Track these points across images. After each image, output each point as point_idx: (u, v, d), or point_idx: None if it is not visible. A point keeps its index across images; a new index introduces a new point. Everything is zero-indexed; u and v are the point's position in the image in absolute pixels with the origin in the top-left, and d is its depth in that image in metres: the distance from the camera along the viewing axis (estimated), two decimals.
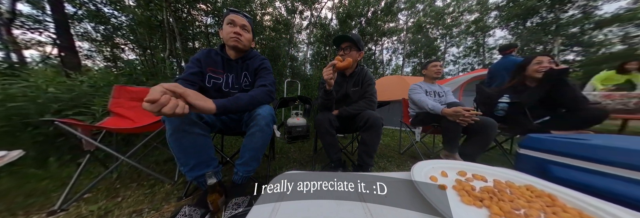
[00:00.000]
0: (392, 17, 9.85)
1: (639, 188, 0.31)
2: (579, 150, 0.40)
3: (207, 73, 0.67)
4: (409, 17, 11.66)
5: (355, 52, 0.84)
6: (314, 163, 1.07)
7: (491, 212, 0.21)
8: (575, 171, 0.40)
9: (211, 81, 0.68)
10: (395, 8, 9.52)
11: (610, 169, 0.35)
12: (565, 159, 0.42)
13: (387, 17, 9.56)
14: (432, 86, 1.21)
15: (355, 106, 0.85)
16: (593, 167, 0.38)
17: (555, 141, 0.45)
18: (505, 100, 1.01)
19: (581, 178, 0.38)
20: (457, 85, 2.84)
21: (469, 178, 0.29)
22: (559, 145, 0.43)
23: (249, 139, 0.56)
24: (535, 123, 0.95)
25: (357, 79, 0.90)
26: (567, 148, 0.42)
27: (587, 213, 0.20)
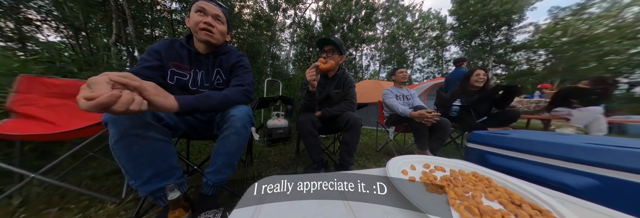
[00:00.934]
0: (371, 26, 10.76)
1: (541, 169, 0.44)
2: (503, 142, 0.53)
3: (170, 68, 0.57)
4: (385, 28, 13.00)
5: (337, 55, 0.87)
6: (295, 165, 1.04)
7: (449, 197, 0.25)
8: (502, 159, 0.52)
9: (174, 78, 0.58)
10: (373, 18, 10.42)
11: (522, 155, 0.48)
12: (496, 149, 0.54)
13: (367, 26, 10.39)
14: (401, 90, 1.40)
15: (337, 108, 0.89)
16: (512, 154, 0.50)
17: (489, 135, 0.57)
18: (457, 104, 1.30)
19: (506, 164, 0.50)
20: (422, 90, 3.35)
21: (431, 169, 0.34)
22: (491, 138, 0.56)
23: (221, 143, 0.50)
24: (477, 122, 1.27)
25: (339, 82, 0.94)
26: (496, 141, 0.54)
27: (510, 190, 0.26)
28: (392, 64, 14.19)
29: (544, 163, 0.43)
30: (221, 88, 0.62)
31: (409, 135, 2.04)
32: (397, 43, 13.64)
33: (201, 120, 0.66)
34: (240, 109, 0.51)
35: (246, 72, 0.64)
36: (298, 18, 9.07)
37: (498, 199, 0.24)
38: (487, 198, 0.25)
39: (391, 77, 1.46)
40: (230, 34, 0.68)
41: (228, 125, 0.49)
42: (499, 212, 0.21)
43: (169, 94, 0.37)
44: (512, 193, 0.25)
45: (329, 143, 1.34)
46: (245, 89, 0.56)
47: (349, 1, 9.30)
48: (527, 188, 0.25)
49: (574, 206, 0.24)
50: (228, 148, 0.49)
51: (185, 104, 0.39)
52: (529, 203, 0.23)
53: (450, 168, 0.33)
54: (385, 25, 12.92)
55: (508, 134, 0.55)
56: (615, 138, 0.51)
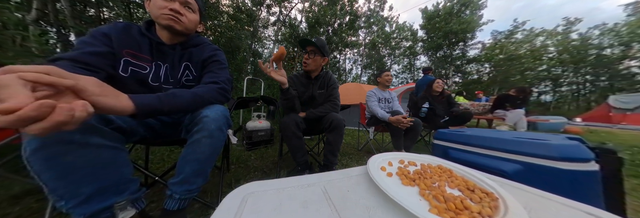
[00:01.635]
0: (354, 32, 11.39)
1: (487, 159, 0.53)
2: (460, 138, 0.63)
3: (123, 57, 0.46)
4: (367, 35, 13.95)
5: (319, 57, 0.87)
6: (278, 169, 1.00)
7: (420, 188, 0.28)
8: (460, 152, 0.62)
9: (129, 69, 0.47)
10: (356, 25, 11.05)
11: (474, 149, 0.57)
12: (455, 145, 0.64)
13: (350, 31, 10.95)
14: (384, 93, 1.50)
15: (322, 109, 0.89)
16: (467, 148, 0.60)
17: (450, 133, 0.67)
18: (426, 106, 1.57)
19: (463, 156, 0.59)
20: (398, 93, 3.75)
21: (405, 164, 0.37)
22: (451, 136, 0.66)
23: (191, 148, 0.43)
24: (441, 122, 1.53)
25: (322, 82, 0.95)
26: (455, 137, 0.64)
27: (466, 178, 0.31)
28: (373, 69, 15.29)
29: (488, 155, 0.54)
30: (190, 86, 0.54)
31: (387, 134, 2.29)
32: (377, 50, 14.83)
33: (165, 123, 0.57)
34: (215, 109, 0.44)
35: (222, 68, 0.56)
36: (283, 16, 8.85)
37: (458, 187, 0.28)
38: (449, 187, 0.29)
39: (377, 79, 1.54)
40: (203, 24, 0.60)
41: (199, 127, 0.42)
42: (458, 197, 0.24)
43: (120, 92, 0.29)
44: (467, 181, 0.30)
45: (313, 144, 1.34)
46: (221, 87, 0.49)
47: (334, 6, 9.63)
48: (478, 176, 0.31)
49: (508, 187, 0.30)
50: (199, 153, 0.42)
51: (143, 105, 0.32)
52: (480, 188, 0.27)
53: (420, 162, 0.38)
54: (367, 33, 13.90)
55: (464, 131, 0.66)
56: (531, 132, 0.67)
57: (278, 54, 0.63)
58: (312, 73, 0.93)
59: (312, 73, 0.93)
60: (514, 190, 0.29)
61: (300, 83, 0.95)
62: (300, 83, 0.95)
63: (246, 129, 1.62)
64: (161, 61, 0.52)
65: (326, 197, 0.27)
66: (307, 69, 0.90)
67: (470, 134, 0.61)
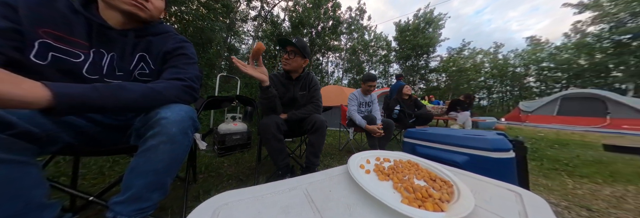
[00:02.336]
0: (336, 36, 11.87)
1: (444, 153, 0.63)
2: (424, 136, 0.73)
3: (39, 38, 0.34)
4: (348, 41, 14.77)
5: (299, 58, 0.85)
6: (256, 175, 0.93)
7: (393, 182, 0.30)
8: (424, 148, 0.71)
9: (49, 56, 0.36)
10: (339, 30, 11.54)
11: (435, 145, 0.67)
12: (420, 142, 0.74)
13: (333, 36, 11.36)
14: (365, 97, 1.61)
15: (304, 110, 0.88)
16: (429, 145, 0.70)
17: (416, 132, 0.77)
18: (397, 108, 1.82)
19: (427, 151, 0.69)
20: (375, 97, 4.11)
21: (381, 161, 0.41)
22: (417, 134, 0.76)
23: (145, 157, 0.35)
24: (410, 122, 1.77)
25: (304, 83, 0.94)
26: (420, 135, 0.74)
27: (430, 171, 0.35)
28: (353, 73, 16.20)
29: (446, 149, 0.65)
30: (146, 81, 0.44)
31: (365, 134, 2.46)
32: (357, 56, 15.86)
33: (105, 125, 0.45)
34: (177, 109, 0.37)
35: (189, 63, 0.48)
36: (265, 12, 8.41)
37: (423, 178, 0.33)
38: (417, 179, 0.33)
39: (361, 84, 1.60)
40: (167, 10, 0.51)
41: (156, 131, 0.35)
42: (423, 187, 0.28)
43: (24, 79, 0.22)
44: (430, 173, 0.34)
45: (295, 147, 1.30)
46: (187, 84, 0.42)
47: (318, 9, 9.81)
48: (438, 168, 0.36)
49: (460, 175, 0.36)
50: (156, 162, 0.35)
51: (67, 97, 0.25)
52: (440, 178, 0.32)
53: (393, 159, 0.42)
54: (348, 39, 14.72)
55: (426, 130, 0.77)
56: (474, 130, 0.84)
57: (255, 49, 0.59)
58: (292, 74, 0.91)
59: (293, 74, 0.91)
60: (464, 177, 0.35)
61: (281, 83, 0.92)
62: (280, 83, 0.92)
63: (218, 133, 1.45)
64: (105, 48, 0.41)
65: (308, 199, 0.27)
66: (287, 68, 0.88)
67: (432, 132, 0.72)
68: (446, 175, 0.33)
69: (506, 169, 0.57)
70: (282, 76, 0.92)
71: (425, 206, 0.23)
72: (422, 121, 1.81)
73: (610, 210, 0.74)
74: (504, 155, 0.56)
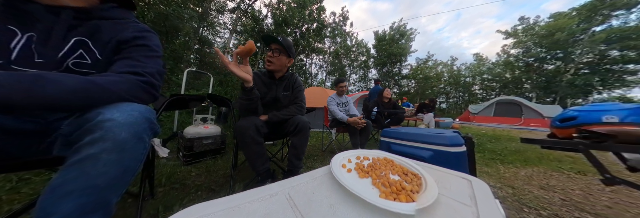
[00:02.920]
0: (320, 39, 12.11)
1: (414, 149, 0.72)
2: (397, 135, 0.81)
3: None
4: (331, 45, 15.27)
5: (284, 57, 0.83)
6: (232, 184, 0.84)
7: (372, 179, 0.32)
8: (398, 146, 0.79)
9: None
10: (323, 33, 11.80)
11: (406, 142, 0.76)
12: (395, 140, 0.81)
13: (317, 38, 11.54)
14: (341, 98, 1.74)
15: (287, 112, 0.85)
16: (402, 142, 0.78)
17: (391, 131, 0.85)
18: (375, 110, 1.99)
19: (400, 149, 0.76)
20: (355, 99, 4.34)
21: (361, 160, 0.43)
22: (392, 133, 0.83)
23: (77, 171, 0.26)
24: (386, 123, 1.94)
25: (287, 84, 0.91)
26: (394, 134, 0.82)
27: (402, 166, 0.39)
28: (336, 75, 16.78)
29: (415, 146, 0.74)
30: (85, 73, 0.35)
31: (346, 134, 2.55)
32: (340, 59, 16.55)
33: (11, 130, 0.33)
34: (128, 109, 0.30)
35: (151, 56, 0.40)
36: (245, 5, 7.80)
37: (397, 173, 0.36)
38: (392, 174, 0.35)
39: (334, 88, 1.76)
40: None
41: (97, 137, 0.27)
42: (398, 181, 0.31)
43: None
44: (403, 167, 0.38)
45: (276, 150, 1.25)
46: (146, 80, 0.35)
47: (303, 10, 9.80)
48: (409, 163, 0.40)
49: (427, 168, 0.41)
50: (94, 177, 0.26)
51: None
52: (411, 171, 0.36)
53: (372, 157, 0.45)
54: (332, 43, 15.23)
55: (399, 130, 0.86)
56: (436, 129, 0.98)
57: (246, 48, 0.54)
58: (276, 73, 0.88)
59: (277, 73, 0.88)
60: (429, 170, 0.41)
61: (262, 82, 0.87)
62: (262, 82, 0.87)
63: (184, 137, 1.25)
64: (17, 25, 0.31)
65: (291, 204, 0.26)
66: (270, 68, 0.83)
67: (403, 132, 0.81)
68: (416, 168, 0.37)
69: (460, 161, 0.68)
70: (264, 75, 0.88)
71: (400, 198, 0.25)
72: (396, 121, 2.01)
73: (524, 186, 1.00)
74: (458, 149, 0.67)
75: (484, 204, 0.26)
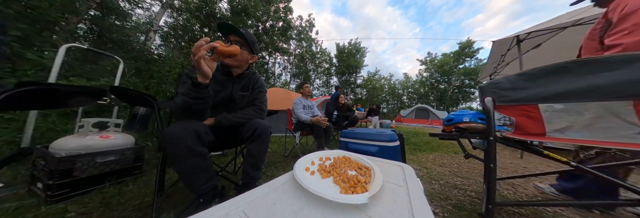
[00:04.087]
0: (286, 39, 11.82)
1: (366, 146, 0.84)
2: (353, 135, 0.93)
3: None
4: (297, 47, 15.35)
5: (246, 52, 0.71)
6: (154, 215, 0.59)
7: (334, 177, 0.34)
8: (354, 144, 0.90)
9: None
10: (289, 34, 11.60)
11: (360, 141, 0.88)
12: (351, 140, 0.93)
13: (283, 38, 11.17)
14: (306, 101, 1.77)
15: (242, 114, 0.71)
16: (357, 141, 0.90)
17: (348, 132, 0.96)
18: (335, 113, 2.16)
19: (356, 147, 0.87)
20: (318, 103, 4.61)
21: (323, 160, 0.45)
22: (349, 134, 0.95)
23: None
24: (344, 124, 2.16)
25: (247, 83, 0.78)
26: (351, 135, 0.94)
27: (358, 161, 0.45)
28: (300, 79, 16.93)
29: (366, 143, 0.88)
30: None
31: (310, 137, 2.60)
32: (305, 63, 16.92)
33: None
34: None
35: None
36: None
37: (354, 168, 0.40)
38: (350, 170, 0.39)
39: (299, 90, 1.79)
40: None
41: None
42: (355, 176, 0.34)
43: None
44: (358, 163, 0.44)
45: (226, 161, 1.03)
46: None
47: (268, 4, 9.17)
48: (363, 158, 0.47)
49: (374, 161, 0.50)
50: None
51: None
52: (364, 165, 0.42)
53: (333, 156, 0.48)
54: (297, 45, 15.34)
55: (355, 130, 0.99)
56: (381, 129, 1.22)
57: (228, 51, 0.50)
58: (234, 69, 0.74)
59: (235, 70, 0.74)
60: (376, 162, 0.49)
61: (215, 79, 0.70)
62: (214, 78, 0.70)
63: (50, 156, 0.77)
64: None
65: None
66: (227, 63, 0.70)
67: (358, 132, 0.94)
68: (367, 162, 0.44)
69: (396, 152, 0.88)
70: (217, 71, 0.71)
71: (356, 191, 0.29)
72: (352, 123, 2.31)
73: (431, 166, 1.44)
74: (395, 144, 0.87)
75: (411, 183, 0.35)
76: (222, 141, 0.70)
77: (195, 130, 0.53)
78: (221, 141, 0.70)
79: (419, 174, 1.25)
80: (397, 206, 0.27)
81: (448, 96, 17.28)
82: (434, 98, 18.76)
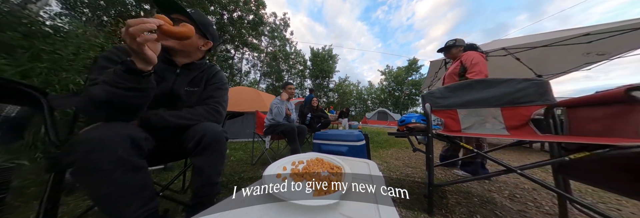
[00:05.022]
0: (257, 35, 10.93)
1: (337, 146, 0.89)
2: (326, 137, 0.96)
3: None
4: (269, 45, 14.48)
5: (197, 37, 0.55)
6: None
7: (307, 180, 0.34)
8: (327, 145, 0.93)
9: None
10: (260, 30, 10.79)
11: (331, 142, 0.92)
12: (324, 141, 0.95)
13: (253, 32, 10.25)
14: (287, 103, 1.63)
15: (188, 113, 0.52)
16: (329, 142, 0.93)
17: (321, 134, 0.99)
18: (309, 115, 2.15)
19: (328, 148, 0.90)
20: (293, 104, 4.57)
21: (296, 164, 0.43)
22: (322, 135, 0.98)
23: None
24: (317, 126, 2.19)
25: (198, 76, 0.60)
26: (324, 136, 0.97)
27: (330, 162, 0.46)
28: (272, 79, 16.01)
29: (337, 144, 0.92)
30: None
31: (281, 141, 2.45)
32: (278, 63, 16.19)
33: None
34: None
35: None
36: None
37: (326, 169, 0.41)
38: (322, 171, 0.40)
39: (281, 90, 1.61)
40: None
41: None
42: (327, 177, 0.35)
43: None
44: (330, 163, 0.45)
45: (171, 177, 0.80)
46: None
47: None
48: (334, 158, 0.49)
49: (345, 160, 0.53)
50: None
51: None
52: (335, 165, 0.44)
53: (306, 159, 0.47)
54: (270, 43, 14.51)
55: (327, 132, 1.03)
56: (350, 130, 1.32)
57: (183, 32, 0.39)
58: (179, 57, 0.56)
59: (180, 58, 0.56)
60: (346, 161, 0.52)
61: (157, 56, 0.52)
62: None
63: None
64: None
65: None
66: (171, 47, 0.52)
67: (330, 133, 0.99)
68: (338, 162, 0.46)
69: (363, 150, 0.97)
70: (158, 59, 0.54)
71: (330, 191, 0.29)
72: (325, 125, 2.39)
73: (390, 160, 1.68)
74: (361, 143, 0.96)
75: (375, 178, 0.40)
76: (163, 149, 0.51)
77: (128, 135, 0.38)
78: (162, 150, 0.51)
79: (381, 168, 1.43)
80: (365, 197, 0.29)
81: (401, 101, 21.44)
82: (391, 103, 22.54)
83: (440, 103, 0.86)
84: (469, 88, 0.80)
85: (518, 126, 0.73)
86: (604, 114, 0.52)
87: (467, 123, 0.82)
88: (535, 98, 0.69)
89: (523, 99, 0.71)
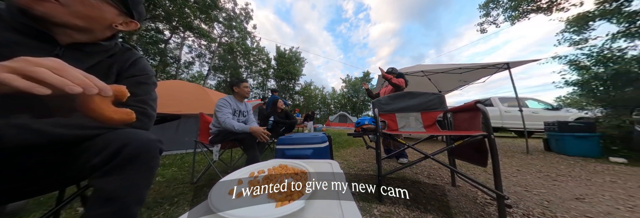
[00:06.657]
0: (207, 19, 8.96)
1: (302, 150, 0.87)
2: (290, 141, 0.92)
3: None
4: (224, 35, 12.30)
5: (115, 13, 0.37)
6: None
7: (268, 192, 0.30)
8: (291, 150, 0.89)
9: None
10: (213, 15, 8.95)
11: (296, 146, 0.89)
12: (288, 146, 0.91)
13: (202, 15, 8.33)
14: (240, 104, 1.28)
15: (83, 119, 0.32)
16: (294, 147, 0.90)
17: (285, 138, 0.94)
18: (272, 119, 1.97)
19: (293, 153, 0.86)
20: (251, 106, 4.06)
21: (255, 175, 0.38)
22: (286, 140, 0.93)
23: None
24: (282, 130, 2.05)
25: (103, 64, 0.40)
26: (288, 141, 0.92)
27: (294, 167, 0.44)
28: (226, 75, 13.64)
29: (302, 148, 0.90)
30: None
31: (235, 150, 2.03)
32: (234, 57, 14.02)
33: None
34: None
35: None
36: None
37: (290, 176, 0.39)
38: (286, 178, 0.37)
39: (233, 89, 1.28)
40: None
41: None
42: (290, 183, 0.33)
43: None
44: (294, 169, 0.43)
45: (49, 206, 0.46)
46: None
47: None
48: (299, 163, 0.47)
49: (310, 163, 0.53)
50: None
51: None
52: (300, 170, 0.42)
53: (267, 168, 0.42)
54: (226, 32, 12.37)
55: (291, 136, 0.99)
56: (314, 132, 1.34)
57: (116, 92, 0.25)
58: (62, 31, 0.34)
59: (67, 32, 0.35)
60: (311, 163, 0.52)
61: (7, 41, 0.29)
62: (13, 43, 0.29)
63: None
64: None
65: None
66: (46, 12, 0.31)
67: (294, 137, 0.96)
68: (303, 166, 0.45)
69: (326, 151, 1.01)
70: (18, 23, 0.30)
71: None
72: (289, 128, 2.29)
73: (350, 158, 1.86)
74: (325, 145, 1.00)
75: (337, 176, 0.42)
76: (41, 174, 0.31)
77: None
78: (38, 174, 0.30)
79: (342, 166, 1.55)
80: (329, 195, 0.30)
81: (357, 106, 24.90)
82: (350, 107, 25.79)
83: (384, 108, 1.11)
84: (402, 97, 1.10)
85: (430, 125, 1.05)
86: (468, 116, 0.85)
87: (401, 123, 1.09)
88: (438, 106, 1.05)
89: (433, 106, 1.06)
